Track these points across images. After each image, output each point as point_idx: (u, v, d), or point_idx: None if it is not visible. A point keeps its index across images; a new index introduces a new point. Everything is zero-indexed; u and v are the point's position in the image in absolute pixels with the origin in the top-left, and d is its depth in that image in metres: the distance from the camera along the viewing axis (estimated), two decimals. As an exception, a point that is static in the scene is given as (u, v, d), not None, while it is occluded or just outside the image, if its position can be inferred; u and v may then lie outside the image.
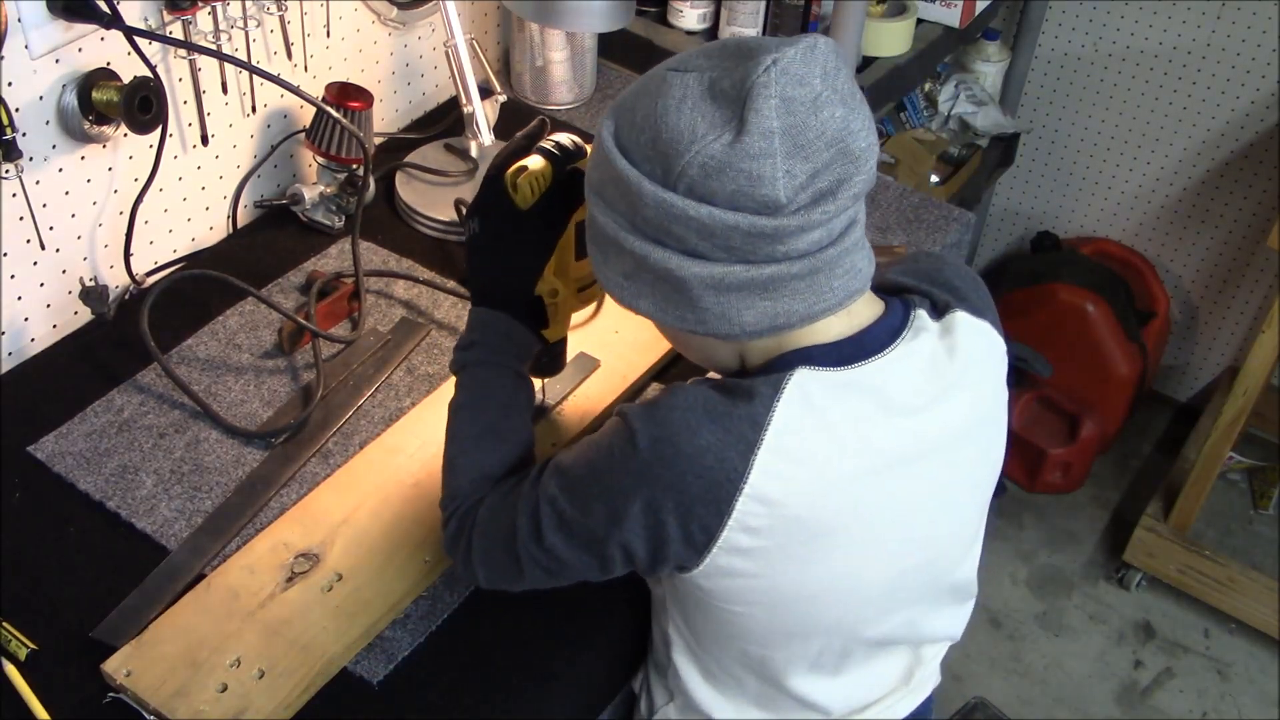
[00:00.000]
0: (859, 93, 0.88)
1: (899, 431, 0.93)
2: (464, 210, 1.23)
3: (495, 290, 1.11)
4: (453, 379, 1.35)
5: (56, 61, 1.28)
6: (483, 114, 1.61)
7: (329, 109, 1.45)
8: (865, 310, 0.95)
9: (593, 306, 1.43)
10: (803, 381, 0.90)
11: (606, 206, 0.92)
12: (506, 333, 1.11)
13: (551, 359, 1.23)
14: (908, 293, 1.00)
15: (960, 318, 0.98)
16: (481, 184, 1.11)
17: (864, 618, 1.00)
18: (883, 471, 0.92)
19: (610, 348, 1.38)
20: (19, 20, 1.22)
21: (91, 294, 1.37)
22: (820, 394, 0.90)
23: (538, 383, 1.26)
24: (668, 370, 1.39)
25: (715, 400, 0.89)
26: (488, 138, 1.62)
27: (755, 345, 0.94)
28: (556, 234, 1.11)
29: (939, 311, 0.99)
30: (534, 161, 1.09)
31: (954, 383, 0.95)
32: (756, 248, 0.85)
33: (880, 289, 0.99)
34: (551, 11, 1.45)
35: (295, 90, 1.36)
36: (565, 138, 1.11)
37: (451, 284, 1.50)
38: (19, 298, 1.36)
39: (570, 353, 1.28)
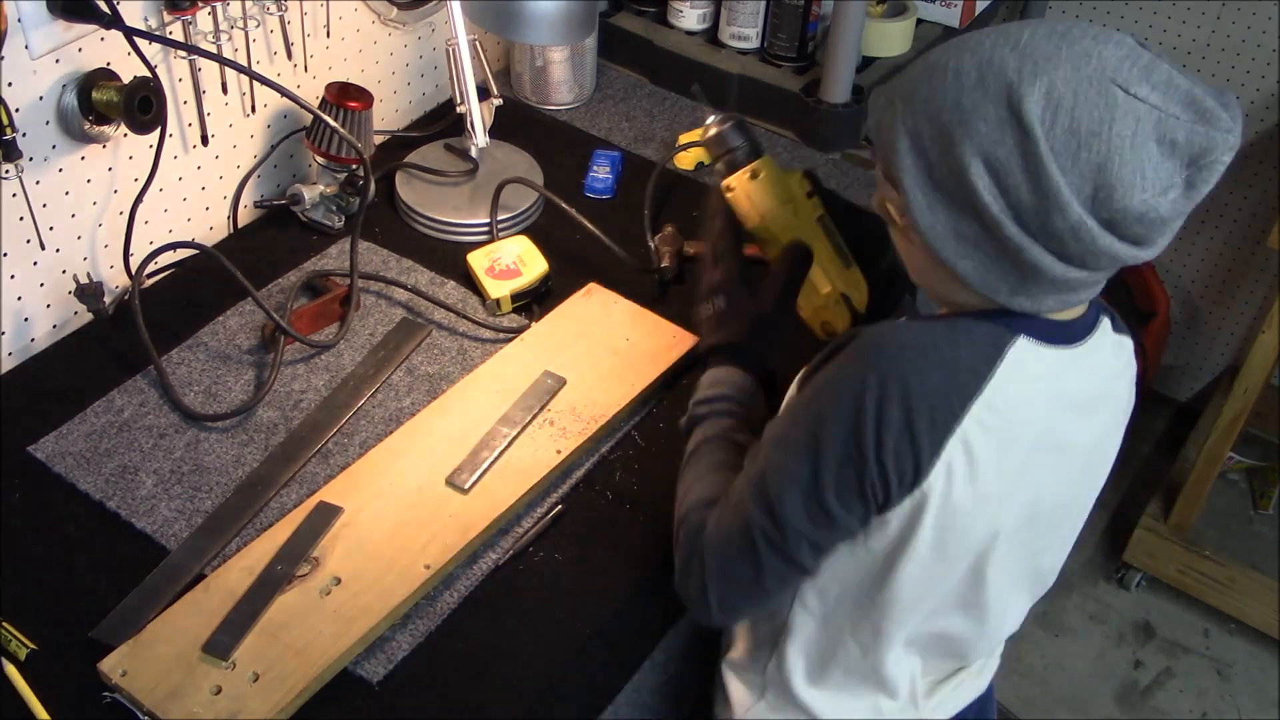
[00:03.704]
0: None
1: (1073, 427, 1.02)
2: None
3: (752, 353, 1.18)
4: (457, 384, 1.36)
5: (56, 61, 1.28)
6: (479, 115, 1.61)
7: (325, 117, 1.45)
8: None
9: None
10: (1022, 349, 0.97)
11: (996, 185, 0.91)
12: (753, 393, 1.17)
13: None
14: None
15: (1127, 345, 1.08)
16: (714, 262, 1.22)
17: (979, 570, 1.06)
18: (1054, 450, 1.01)
19: (620, 354, 1.38)
20: (19, 20, 1.22)
21: (86, 291, 1.36)
22: (1033, 364, 0.98)
23: (542, 365, 1.26)
24: (677, 380, 1.38)
25: (942, 342, 0.95)
26: (484, 139, 1.62)
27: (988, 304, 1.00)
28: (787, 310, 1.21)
29: (1117, 328, 1.07)
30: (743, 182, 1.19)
31: (1112, 394, 1.06)
32: (1113, 265, 0.93)
33: None
34: (511, 23, 1.46)
35: (293, 97, 1.36)
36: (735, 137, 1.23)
37: (451, 284, 1.50)
38: (19, 298, 1.37)
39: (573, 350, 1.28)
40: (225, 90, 1.49)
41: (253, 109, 1.54)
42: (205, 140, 1.48)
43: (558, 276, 1.49)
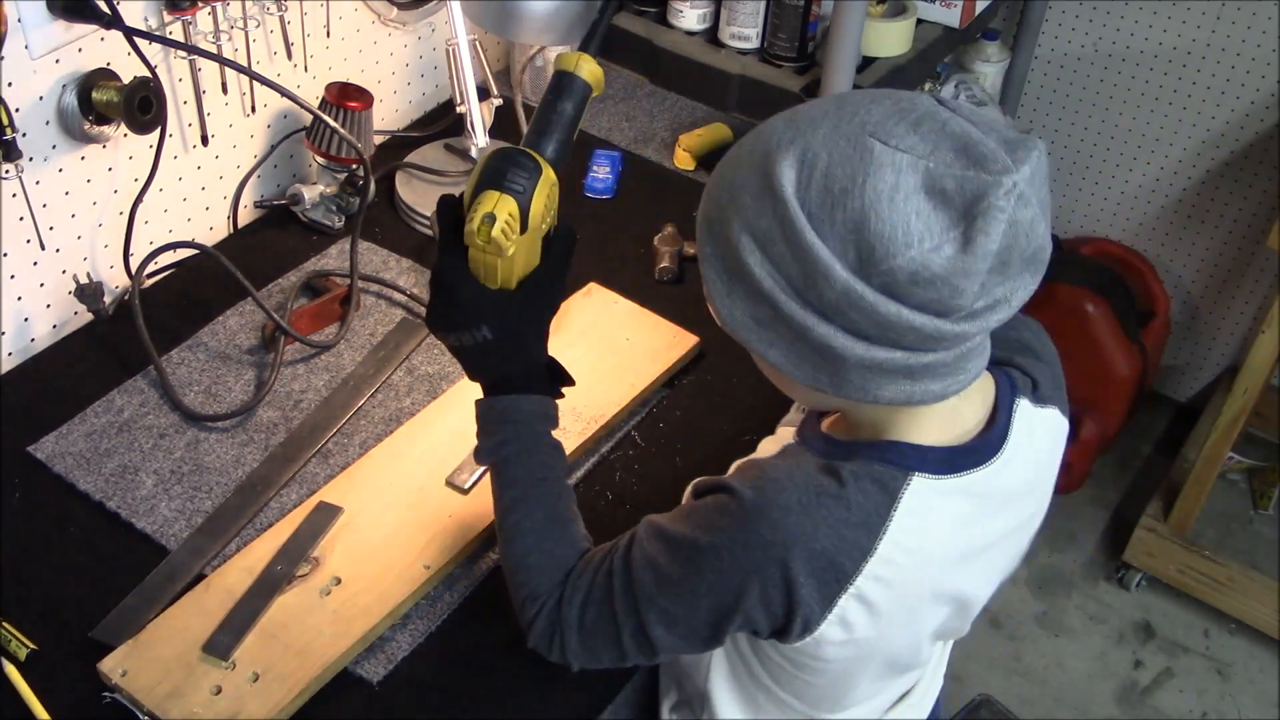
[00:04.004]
0: (1049, 198, 0.85)
1: (991, 526, 0.97)
2: (436, 221, 1.05)
3: (514, 379, 1.04)
4: (456, 384, 1.36)
5: (56, 61, 1.28)
6: (479, 115, 1.61)
7: (325, 117, 1.45)
8: (978, 393, 0.96)
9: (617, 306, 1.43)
10: (917, 491, 0.91)
11: (767, 260, 0.85)
12: (536, 413, 1.05)
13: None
14: (1010, 364, 1.00)
15: (1052, 416, 1.01)
16: (442, 285, 1.00)
17: (908, 659, 1.05)
18: (970, 559, 0.97)
19: (621, 354, 1.38)
20: (19, 20, 1.22)
21: (86, 291, 1.37)
22: (932, 502, 0.92)
23: None
24: (678, 379, 1.38)
25: (825, 499, 0.89)
26: (484, 139, 1.62)
27: (867, 409, 0.94)
28: (560, 294, 1.05)
29: (1038, 399, 1.00)
30: (491, 202, 0.97)
31: (1039, 474, 1.01)
32: (924, 343, 0.84)
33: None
34: (511, 23, 1.46)
35: (293, 97, 1.36)
36: (512, 154, 0.99)
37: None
38: (19, 298, 1.36)
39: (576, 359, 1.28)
40: (225, 90, 1.48)
41: (253, 109, 1.54)
42: (205, 140, 1.48)
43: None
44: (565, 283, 1.05)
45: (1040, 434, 0.99)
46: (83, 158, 1.36)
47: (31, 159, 1.29)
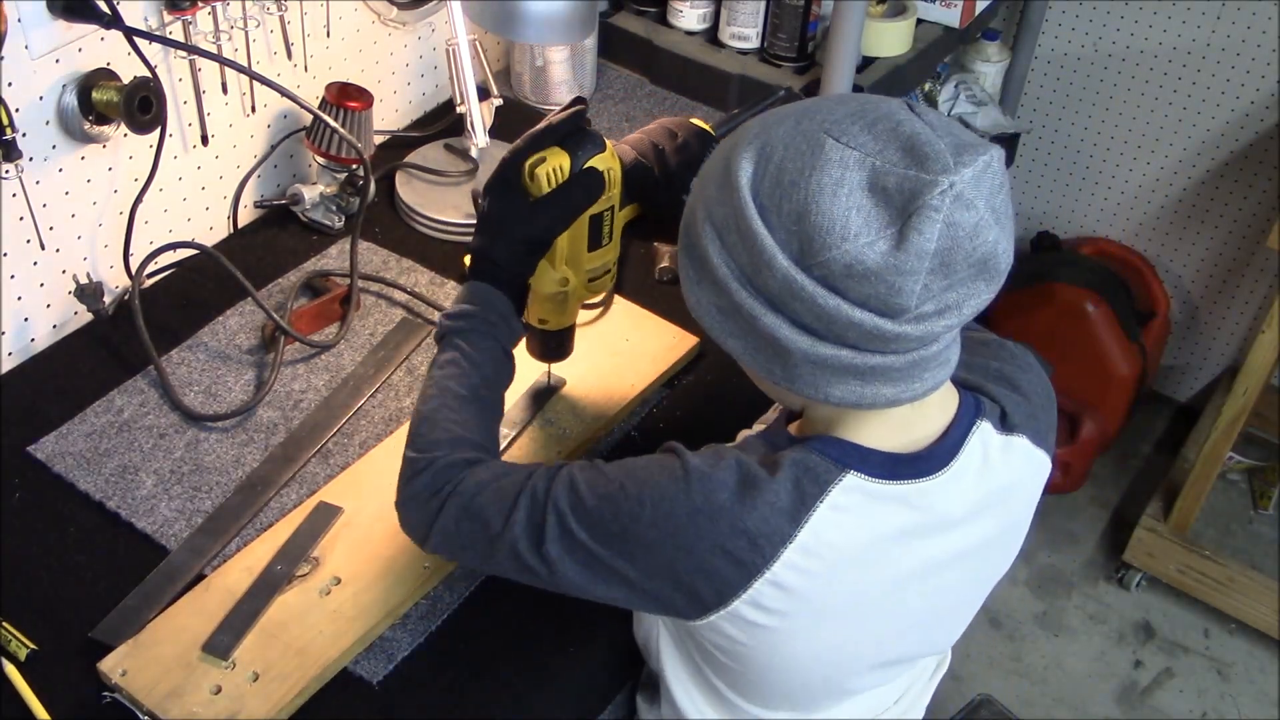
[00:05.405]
0: (1010, 209, 0.85)
1: (932, 545, 0.95)
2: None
3: (495, 270, 1.11)
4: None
5: (56, 61, 1.28)
6: (479, 115, 1.61)
7: (325, 117, 1.46)
8: (936, 408, 0.95)
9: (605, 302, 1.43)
10: (849, 489, 0.90)
11: (724, 248, 0.88)
12: (503, 312, 1.10)
13: (560, 344, 1.23)
14: (983, 391, 0.99)
15: (1020, 444, 0.98)
16: (500, 163, 1.11)
17: (849, 680, 1.03)
18: (906, 580, 0.95)
19: (621, 355, 1.38)
20: (19, 20, 1.22)
21: (86, 291, 1.37)
22: (864, 504, 0.91)
23: (542, 365, 1.27)
24: (678, 379, 1.39)
25: (759, 482, 0.89)
26: (484, 139, 1.62)
27: (820, 408, 0.95)
28: (564, 226, 1.11)
29: (1006, 427, 0.98)
30: (555, 153, 1.09)
31: (995, 499, 0.97)
32: (869, 342, 0.84)
33: (960, 383, 0.98)
34: (511, 23, 1.46)
35: (293, 97, 1.36)
36: (593, 132, 1.11)
37: (450, 284, 1.50)
38: (19, 297, 1.37)
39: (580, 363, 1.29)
40: (225, 90, 1.49)
41: (253, 109, 1.54)
42: (205, 140, 1.48)
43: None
44: (563, 216, 1.11)
45: (1000, 459, 0.97)
46: (83, 158, 1.36)
47: (31, 159, 1.29)
